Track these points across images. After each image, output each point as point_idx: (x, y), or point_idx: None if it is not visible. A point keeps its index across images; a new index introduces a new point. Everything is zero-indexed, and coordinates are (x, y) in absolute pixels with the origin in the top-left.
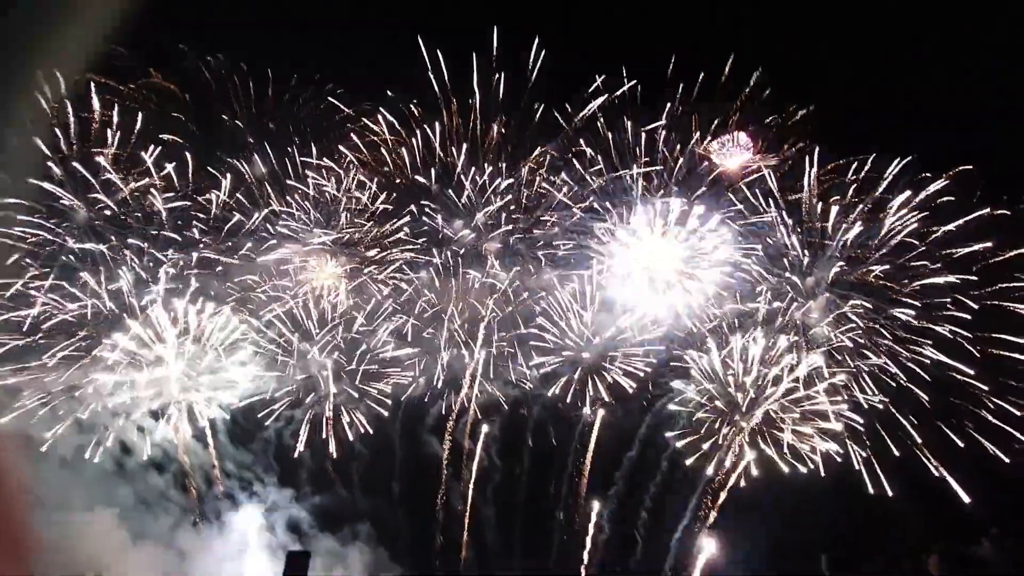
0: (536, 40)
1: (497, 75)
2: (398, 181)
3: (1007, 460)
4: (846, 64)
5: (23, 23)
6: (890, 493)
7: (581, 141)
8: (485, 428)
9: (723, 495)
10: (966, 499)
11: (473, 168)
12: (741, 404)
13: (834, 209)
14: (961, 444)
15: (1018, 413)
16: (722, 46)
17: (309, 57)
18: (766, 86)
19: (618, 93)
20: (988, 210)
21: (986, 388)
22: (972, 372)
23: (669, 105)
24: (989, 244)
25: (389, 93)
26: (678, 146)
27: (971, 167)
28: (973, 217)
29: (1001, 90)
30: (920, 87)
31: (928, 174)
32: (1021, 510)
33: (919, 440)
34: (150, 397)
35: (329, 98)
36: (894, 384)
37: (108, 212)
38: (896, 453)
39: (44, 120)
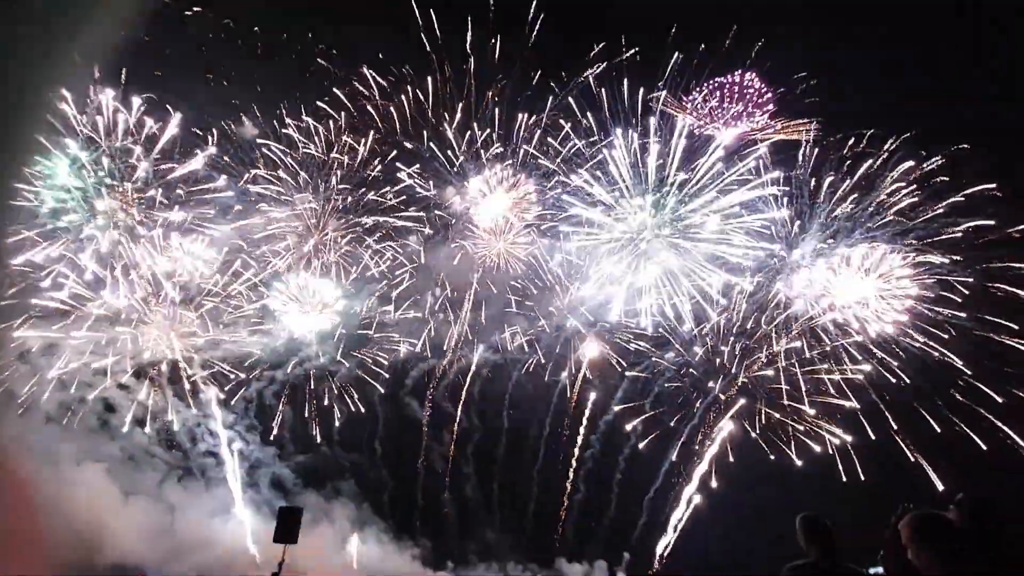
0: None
1: (493, 39)
2: (385, 148)
3: (984, 447)
4: (848, 39)
5: None
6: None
7: (576, 110)
8: (479, 349)
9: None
10: (940, 486)
11: (468, 133)
12: (717, 375)
13: (827, 182)
14: (939, 429)
15: (1000, 400)
16: (724, 17)
17: (298, 15)
18: (767, 58)
19: (616, 61)
20: (984, 187)
21: (969, 372)
22: (956, 355)
23: (667, 74)
24: (992, 222)
25: (380, 55)
26: (674, 115)
27: (968, 145)
28: (964, 195)
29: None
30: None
31: (924, 152)
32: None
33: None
34: (131, 356)
35: (319, 59)
36: (876, 363)
37: (92, 172)
38: (872, 437)
39: None
